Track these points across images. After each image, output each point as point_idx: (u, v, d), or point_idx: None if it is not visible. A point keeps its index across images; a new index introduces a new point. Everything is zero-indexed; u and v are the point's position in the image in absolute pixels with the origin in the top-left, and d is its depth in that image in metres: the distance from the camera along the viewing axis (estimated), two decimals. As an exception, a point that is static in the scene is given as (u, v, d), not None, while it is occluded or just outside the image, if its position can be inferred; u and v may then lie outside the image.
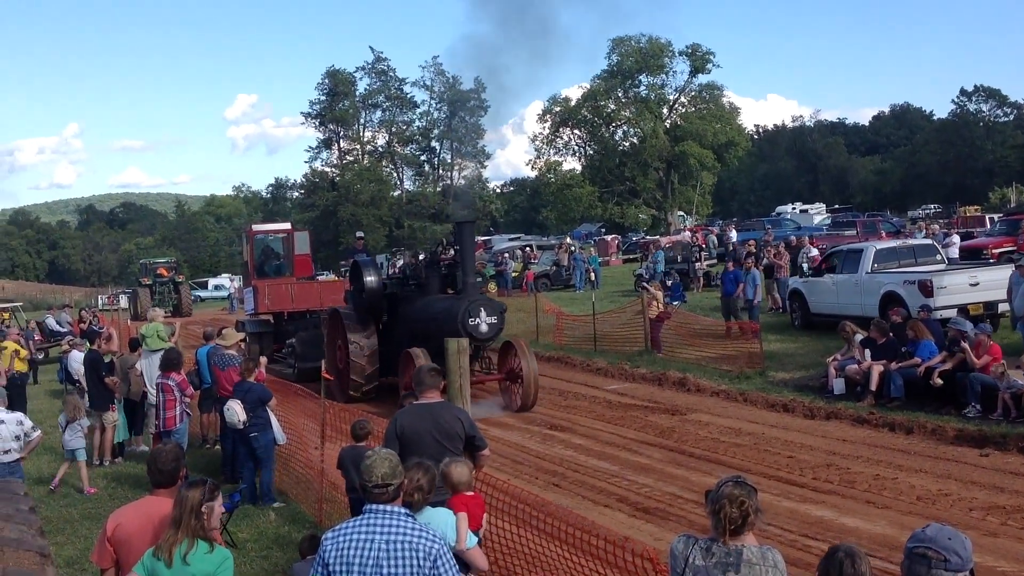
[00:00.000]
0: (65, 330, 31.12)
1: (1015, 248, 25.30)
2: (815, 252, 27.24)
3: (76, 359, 18.64)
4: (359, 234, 34.89)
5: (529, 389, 17.12)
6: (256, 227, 30.55)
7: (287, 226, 31.19)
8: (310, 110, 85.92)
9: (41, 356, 30.91)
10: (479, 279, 17.46)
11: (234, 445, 12.72)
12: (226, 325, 23.20)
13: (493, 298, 17.82)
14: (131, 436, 16.00)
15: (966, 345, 14.02)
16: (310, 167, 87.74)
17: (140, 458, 14.51)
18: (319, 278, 28.66)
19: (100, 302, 64.13)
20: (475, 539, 6.27)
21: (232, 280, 71.51)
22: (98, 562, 5.65)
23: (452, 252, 18.56)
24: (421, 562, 4.65)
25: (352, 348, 18.66)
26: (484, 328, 16.29)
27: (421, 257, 20.98)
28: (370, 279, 18.82)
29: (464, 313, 16.14)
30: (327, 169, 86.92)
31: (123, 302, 56.86)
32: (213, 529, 5.43)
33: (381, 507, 4.80)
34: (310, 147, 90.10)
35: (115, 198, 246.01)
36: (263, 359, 13.88)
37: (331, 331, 20.22)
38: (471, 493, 6.53)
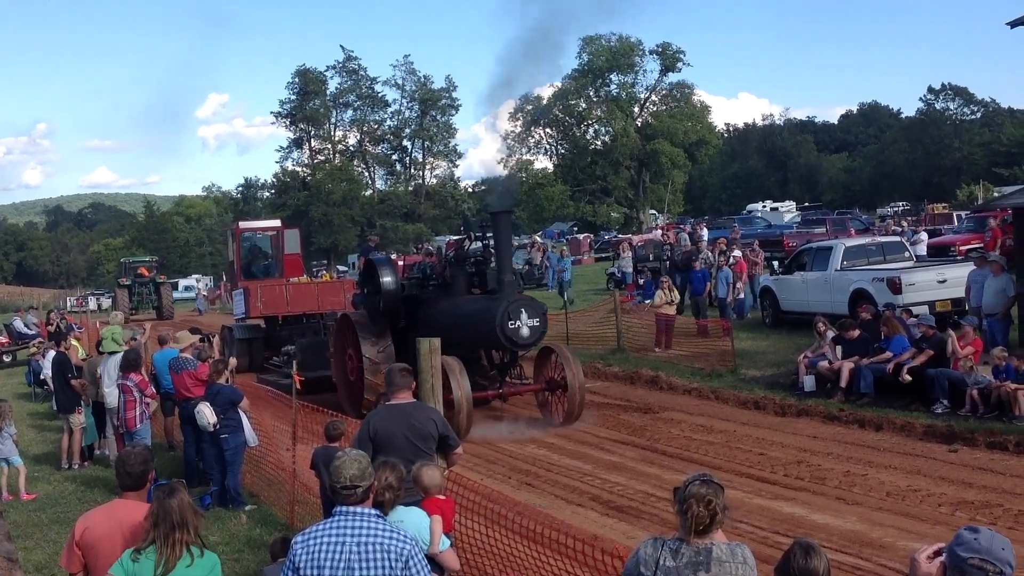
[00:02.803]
0: (33, 332, 30.77)
1: (982, 245, 25.53)
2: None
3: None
4: (374, 234, 32.80)
5: (574, 402, 15.22)
6: (243, 224, 29.12)
7: (276, 223, 29.70)
8: (280, 109, 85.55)
9: (9, 359, 30.59)
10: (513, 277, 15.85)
11: (198, 447, 12.65)
12: (198, 326, 22.98)
13: (534, 298, 16.15)
14: (100, 439, 15.85)
15: (952, 332, 14.16)
16: (281, 167, 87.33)
17: (108, 461, 14.39)
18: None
19: (69, 304, 63.59)
20: (448, 542, 6.26)
21: (199, 280, 70.47)
22: (66, 566, 5.59)
23: (480, 247, 17.01)
24: (393, 563, 4.63)
25: (366, 357, 16.52)
26: (526, 332, 14.51)
27: (445, 253, 18.74)
28: (387, 280, 16.73)
29: (503, 315, 14.36)
30: (298, 169, 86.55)
31: (92, 304, 56.21)
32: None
33: (351, 509, 4.78)
34: (281, 147, 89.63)
35: (84, 199, 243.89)
36: (232, 360, 13.78)
37: (339, 338, 18.17)
38: (443, 496, 6.52)
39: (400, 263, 21.28)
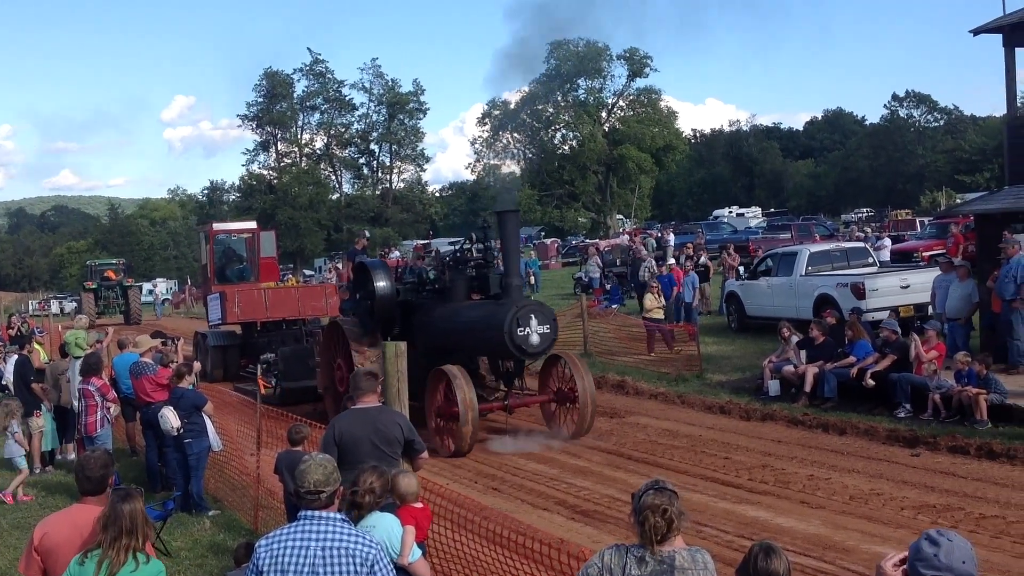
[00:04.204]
0: (-7, 336, 30.35)
1: (944, 251, 25.81)
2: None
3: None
4: (365, 233, 30.00)
5: (585, 413, 14.40)
6: (217, 226, 28.04)
7: (252, 225, 28.50)
8: (247, 112, 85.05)
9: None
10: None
11: (160, 452, 12.54)
12: (164, 330, 22.72)
13: (543, 303, 15.32)
14: (61, 444, 15.67)
15: (916, 336, 14.29)
16: (247, 170, 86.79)
17: (70, 466, 14.22)
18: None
19: (31, 307, 62.90)
20: (419, 552, 6.24)
21: (155, 285, 69.40)
22: (25, 572, 5.53)
23: (482, 250, 16.08)
24: (358, 568, 4.62)
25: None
26: (535, 339, 13.65)
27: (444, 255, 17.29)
28: (382, 284, 15.72)
29: (511, 322, 13.51)
30: (264, 172, 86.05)
31: (54, 307, 55.44)
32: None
33: (316, 513, 4.76)
34: (247, 150, 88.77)
35: (47, 201, 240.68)
36: (198, 364, 13.64)
37: (327, 345, 17.20)
38: (419, 505, 6.50)
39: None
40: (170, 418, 11.51)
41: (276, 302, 22.92)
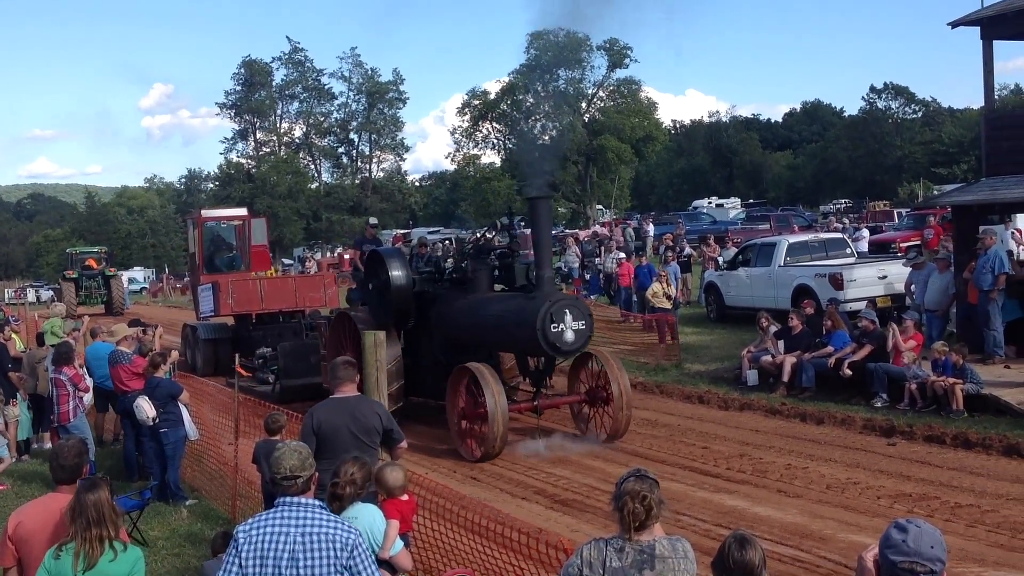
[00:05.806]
0: (-32, 325, 30.04)
1: (920, 243, 25.94)
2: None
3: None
4: (372, 220, 28.54)
5: (620, 416, 13.35)
6: (206, 213, 26.83)
7: (243, 212, 27.32)
8: (226, 100, 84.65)
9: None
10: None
11: (137, 441, 12.47)
12: (141, 318, 22.53)
13: (578, 297, 14.36)
14: (37, 433, 15.56)
15: (894, 326, 14.38)
16: (225, 158, 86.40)
17: (46, 455, 14.12)
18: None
19: (7, 296, 62.45)
20: (401, 544, 6.22)
21: (121, 274, 68.52)
22: (-1, 561, 5.50)
23: (507, 238, 15.20)
24: (338, 553, 4.63)
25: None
26: (570, 336, 12.67)
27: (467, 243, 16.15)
28: (397, 274, 14.71)
29: (545, 317, 12.49)
30: (243, 160, 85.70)
31: (31, 295, 54.98)
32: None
33: (294, 499, 4.75)
34: (226, 138, 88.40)
35: (23, 189, 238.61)
36: (174, 353, 13.54)
37: (335, 339, 16.09)
38: (405, 497, 6.48)
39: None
40: (145, 408, 11.44)
41: (272, 293, 21.80)
